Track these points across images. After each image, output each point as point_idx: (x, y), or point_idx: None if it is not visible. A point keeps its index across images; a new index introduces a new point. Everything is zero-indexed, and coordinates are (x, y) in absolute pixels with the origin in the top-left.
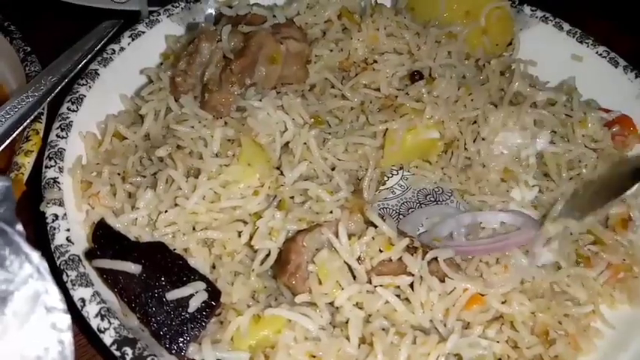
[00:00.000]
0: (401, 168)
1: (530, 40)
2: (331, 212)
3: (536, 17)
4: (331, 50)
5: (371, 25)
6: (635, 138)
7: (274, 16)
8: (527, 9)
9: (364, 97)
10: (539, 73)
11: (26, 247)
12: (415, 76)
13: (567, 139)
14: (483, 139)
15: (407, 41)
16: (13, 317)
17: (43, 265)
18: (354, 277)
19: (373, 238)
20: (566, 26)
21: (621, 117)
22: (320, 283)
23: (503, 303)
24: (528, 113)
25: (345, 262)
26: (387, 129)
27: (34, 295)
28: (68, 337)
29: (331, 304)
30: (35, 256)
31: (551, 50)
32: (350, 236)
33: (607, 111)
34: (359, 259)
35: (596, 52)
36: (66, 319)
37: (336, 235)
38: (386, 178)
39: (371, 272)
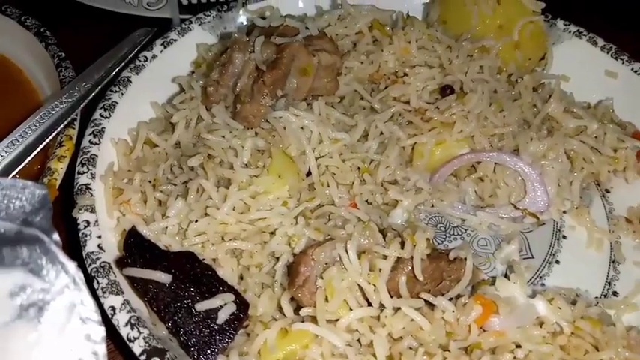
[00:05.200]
0: None
1: (563, 55)
2: (344, 228)
3: (570, 32)
4: (362, 62)
5: (402, 38)
6: None
7: (306, 27)
8: (560, 23)
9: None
10: (573, 88)
11: (62, 257)
12: (446, 90)
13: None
14: None
15: (438, 55)
16: (49, 326)
17: (79, 276)
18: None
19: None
20: (600, 41)
21: None
22: (327, 300)
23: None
24: (562, 143)
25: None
26: (415, 143)
27: (69, 306)
28: (102, 349)
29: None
30: (71, 266)
31: (584, 66)
32: (360, 254)
33: None
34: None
35: (632, 69)
36: (100, 331)
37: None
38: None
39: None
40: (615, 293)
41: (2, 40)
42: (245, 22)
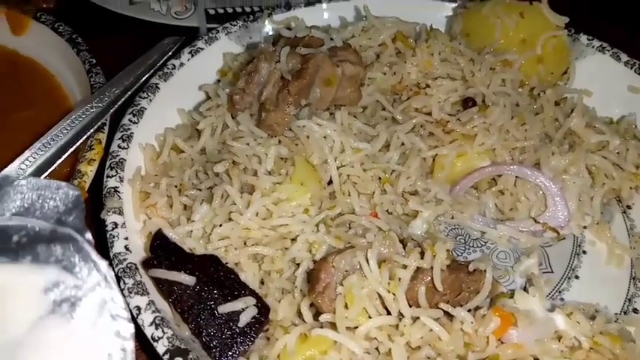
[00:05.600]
0: None
1: (586, 70)
2: (364, 237)
3: (593, 47)
4: (384, 73)
5: (425, 50)
6: None
7: (331, 39)
8: (583, 38)
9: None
10: (595, 103)
11: (95, 256)
12: (468, 103)
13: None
14: None
15: (461, 67)
16: (81, 322)
17: (110, 274)
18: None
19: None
20: (624, 57)
21: None
22: (346, 306)
23: None
24: (584, 158)
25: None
26: (436, 154)
27: (101, 303)
28: (130, 346)
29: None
30: (103, 264)
31: (607, 81)
32: (380, 263)
33: None
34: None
35: None
36: (129, 328)
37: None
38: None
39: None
40: (636, 310)
41: (35, 46)
42: (271, 33)
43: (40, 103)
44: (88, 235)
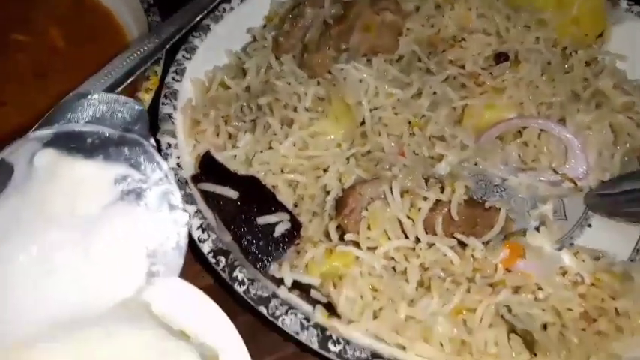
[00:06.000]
0: None
1: (623, 34)
2: (390, 169)
3: (632, 12)
4: (423, 25)
5: (463, 5)
6: None
7: None
8: (623, 3)
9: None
10: (629, 68)
11: (157, 157)
12: (501, 58)
13: None
14: None
15: (497, 23)
16: (144, 209)
17: (170, 173)
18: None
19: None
20: None
21: None
22: (369, 228)
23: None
24: (608, 116)
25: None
26: (466, 104)
27: (162, 195)
28: (184, 232)
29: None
30: (164, 165)
31: None
32: (403, 193)
33: None
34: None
35: None
36: (184, 217)
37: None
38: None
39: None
40: None
41: None
42: None
43: (100, 39)
44: (152, 141)
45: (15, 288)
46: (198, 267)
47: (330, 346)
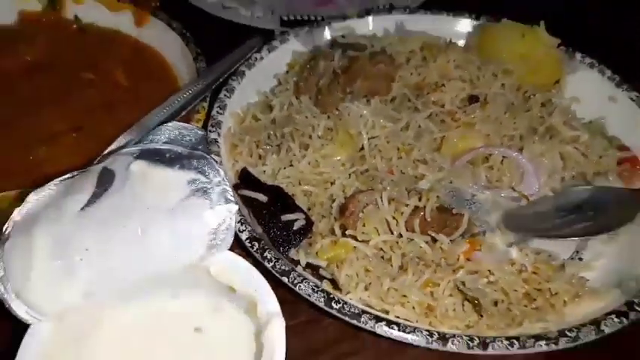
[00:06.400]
0: None
1: (576, 82)
2: (381, 183)
3: (585, 63)
4: (411, 73)
5: (444, 57)
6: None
7: (372, 45)
8: (578, 55)
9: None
10: (580, 109)
11: (217, 166)
12: (473, 99)
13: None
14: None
15: (470, 72)
16: (209, 202)
17: (226, 178)
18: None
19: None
20: (608, 72)
21: (632, 157)
22: (364, 226)
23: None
24: (558, 147)
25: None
26: (444, 136)
27: (220, 192)
28: (234, 218)
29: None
30: (222, 172)
31: (592, 91)
32: (390, 200)
33: (625, 149)
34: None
35: (629, 97)
36: (234, 208)
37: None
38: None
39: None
40: (580, 259)
41: (153, 36)
42: (329, 37)
43: (156, 79)
44: (213, 156)
45: (119, 254)
46: (238, 251)
47: (333, 304)
